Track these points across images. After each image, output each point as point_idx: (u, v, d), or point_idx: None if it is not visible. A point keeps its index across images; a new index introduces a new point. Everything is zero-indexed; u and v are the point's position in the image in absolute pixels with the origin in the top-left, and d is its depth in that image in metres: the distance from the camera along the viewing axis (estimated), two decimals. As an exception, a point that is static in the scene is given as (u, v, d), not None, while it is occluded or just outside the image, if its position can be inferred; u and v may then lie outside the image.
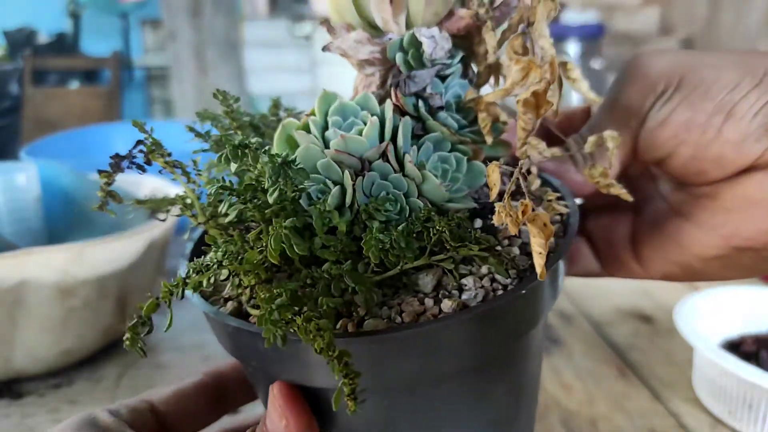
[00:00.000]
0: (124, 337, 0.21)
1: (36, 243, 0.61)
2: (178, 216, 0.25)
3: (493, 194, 0.20)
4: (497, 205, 0.19)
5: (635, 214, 0.28)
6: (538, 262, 0.19)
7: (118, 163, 0.22)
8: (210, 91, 0.26)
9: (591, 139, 0.21)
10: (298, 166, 0.20)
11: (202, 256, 0.22)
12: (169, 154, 0.23)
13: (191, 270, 0.21)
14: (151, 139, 0.22)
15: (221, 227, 0.23)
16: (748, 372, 0.43)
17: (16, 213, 0.64)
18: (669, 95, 0.23)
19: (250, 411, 0.34)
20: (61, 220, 0.68)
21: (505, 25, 0.22)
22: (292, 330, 0.18)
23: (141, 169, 0.22)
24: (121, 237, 0.50)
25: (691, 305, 0.52)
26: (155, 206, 0.26)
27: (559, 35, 1.17)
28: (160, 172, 0.23)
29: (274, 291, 0.18)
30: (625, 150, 0.23)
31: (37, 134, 1.44)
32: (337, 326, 0.20)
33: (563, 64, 0.21)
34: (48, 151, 0.94)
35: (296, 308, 0.18)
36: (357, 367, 0.17)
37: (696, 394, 0.51)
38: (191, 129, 0.24)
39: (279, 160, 0.20)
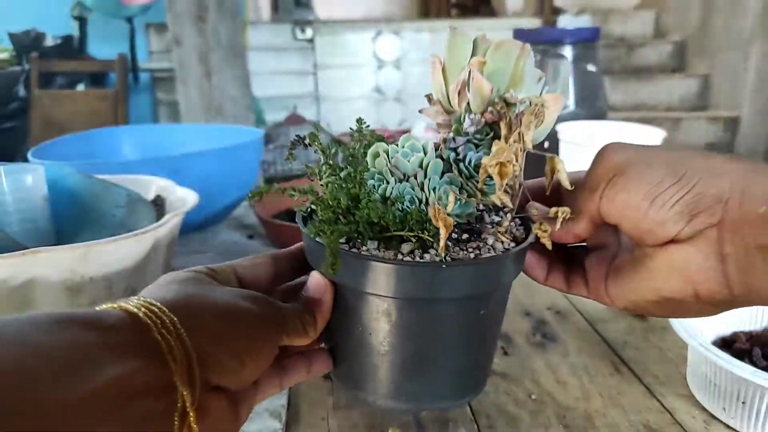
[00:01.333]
0: None
1: (43, 243, 0.62)
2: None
3: (450, 208, 0.32)
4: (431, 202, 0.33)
5: (613, 258, 0.36)
6: (441, 245, 0.31)
7: (296, 141, 0.36)
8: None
9: (552, 210, 0.32)
10: (346, 157, 0.37)
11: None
12: (321, 143, 0.36)
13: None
14: (314, 131, 0.37)
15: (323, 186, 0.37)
16: (741, 369, 0.44)
17: (24, 213, 0.65)
18: (614, 181, 0.32)
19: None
20: (69, 221, 0.69)
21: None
22: (321, 233, 0.31)
23: (305, 146, 0.36)
24: (127, 237, 0.52)
25: (685, 303, 0.52)
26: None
27: (555, 39, 1.18)
28: (315, 151, 0.36)
29: (324, 216, 0.34)
30: (590, 215, 0.33)
31: (45, 136, 1.46)
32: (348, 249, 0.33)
33: (552, 159, 0.32)
34: (55, 152, 0.95)
35: (329, 225, 0.32)
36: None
37: (690, 391, 0.52)
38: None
39: (328, 153, 0.36)
